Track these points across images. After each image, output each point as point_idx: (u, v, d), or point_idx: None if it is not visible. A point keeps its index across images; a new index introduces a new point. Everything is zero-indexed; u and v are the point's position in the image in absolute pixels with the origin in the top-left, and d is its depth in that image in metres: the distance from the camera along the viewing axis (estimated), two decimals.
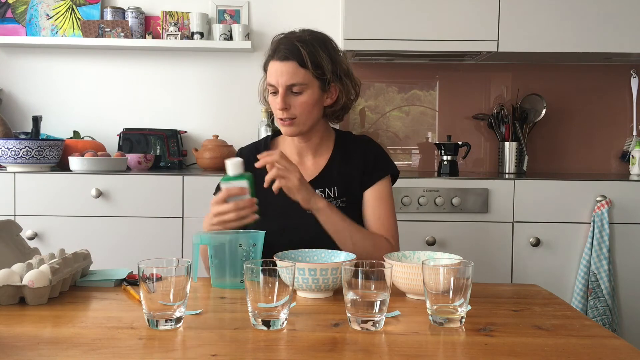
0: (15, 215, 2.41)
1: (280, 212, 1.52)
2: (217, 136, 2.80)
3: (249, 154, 1.62)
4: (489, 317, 1.08)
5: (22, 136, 2.81)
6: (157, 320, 0.99)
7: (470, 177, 2.54)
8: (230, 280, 1.30)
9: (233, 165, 1.37)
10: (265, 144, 1.66)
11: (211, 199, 1.40)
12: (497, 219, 2.43)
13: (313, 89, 1.50)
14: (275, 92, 1.51)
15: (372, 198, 1.59)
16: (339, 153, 1.62)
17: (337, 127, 1.67)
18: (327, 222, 1.44)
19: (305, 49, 1.47)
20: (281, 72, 1.48)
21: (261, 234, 1.34)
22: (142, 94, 3.02)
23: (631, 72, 2.96)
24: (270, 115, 2.78)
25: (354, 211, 1.57)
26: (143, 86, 3.01)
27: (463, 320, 1.03)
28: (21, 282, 1.13)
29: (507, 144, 2.85)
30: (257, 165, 1.37)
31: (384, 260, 1.17)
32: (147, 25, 2.98)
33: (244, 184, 1.36)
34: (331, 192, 1.57)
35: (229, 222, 1.36)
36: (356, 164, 1.60)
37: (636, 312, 2.42)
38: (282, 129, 1.55)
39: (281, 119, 1.51)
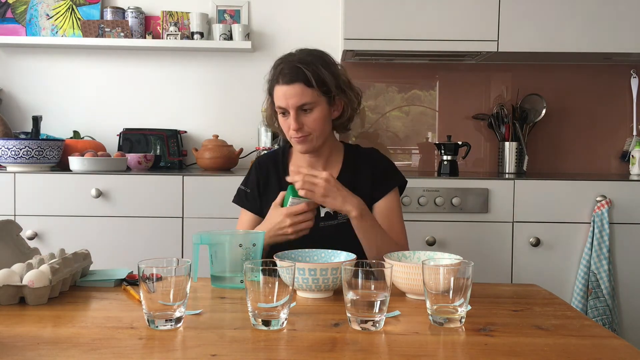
0: (15, 215, 2.41)
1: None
2: (217, 136, 2.80)
3: (267, 162, 1.72)
4: (489, 317, 1.08)
5: (22, 136, 2.81)
6: (157, 320, 0.99)
7: (470, 177, 2.54)
8: (230, 280, 1.30)
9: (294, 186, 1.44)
10: (283, 155, 1.72)
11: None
12: (497, 219, 2.43)
13: (321, 105, 1.57)
14: (284, 113, 1.57)
15: (383, 209, 1.64)
16: (349, 165, 1.67)
17: (344, 139, 1.70)
18: (359, 227, 1.49)
19: (308, 69, 1.54)
20: (290, 94, 1.54)
21: (261, 234, 1.34)
22: (142, 94, 3.02)
23: (631, 72, 2.96)
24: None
25: None
26: (143, 86, 3.01)
27: (463, 320, 1.03)
28: (21, 282, 1.13)
29: (507, 144, 2.85)
30: (288, 179, 1.46)
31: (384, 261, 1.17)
32: (147, 25, 2.98)
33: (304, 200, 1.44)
34: None
35: (302, 230, 1.46)
36: (365, 176, 1.64)
37: (636, 312, 2.42)
38: (298, 147, 1.61)
39: (296, 137, 1.57)
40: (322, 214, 1.60)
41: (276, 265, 1.04)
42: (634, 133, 2.94)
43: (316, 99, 1.55)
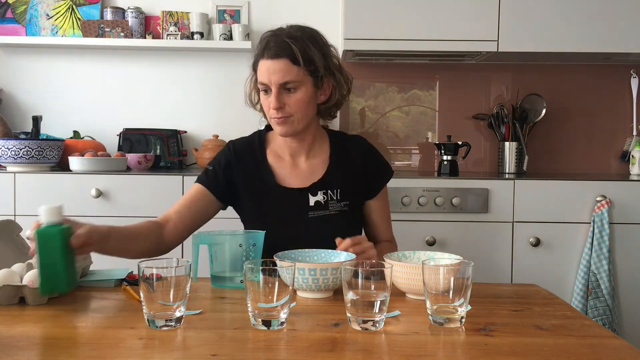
0: (15, 215, 2.41)
1: (280, 222, 1.53)
2: (217, 136, 2.80)
3: (242, 147, 1.60)
4: (489, 317, 1.08)
5: (22, 136, 2.81)
6: (157, 320, 0.99)
7: (470, 177, 2.54)
8: (230, 280, 1.30)
9: (49, 212, 1.10)
10: (259, 140, 1.61)
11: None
12: (497, 219, 2.43)
13: (307, 85, 1.46)
14: (266, 91, 1.47)
15: (378, 208, 1.63)
16: (337, 155, 1.59)
17: (337, 123, 1.68)
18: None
19: (296, 45, 1.43)
20: (273, 70, 1.43)
21: (261, 233, 1.34)
22: (142, 94, 3.02)
23: (631, 72, 2.96)
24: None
25: (354, 216, 1.59)
26: (143, 86, 3.01)
27: (463, 320, 1.03)
28: (21, 282, 1.13)
29: (507, 144, 2.85)
30: (339, 249, 1.30)
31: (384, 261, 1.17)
32: (147, 25, 2.98)
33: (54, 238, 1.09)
34: (334, 195, 1.55)
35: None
36: (356, 169, 1.59)
37: (636, 312, 2.42)
38: (277, 129, 1.50)
39: (276, 118, 1.47)
40: (312, 203, 1.53)
41: (276, 265, 1.04)
42: (634, 133, 2.94)
43: (301, 78, 1.44)
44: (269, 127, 1.64)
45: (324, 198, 1.53)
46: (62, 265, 1.08)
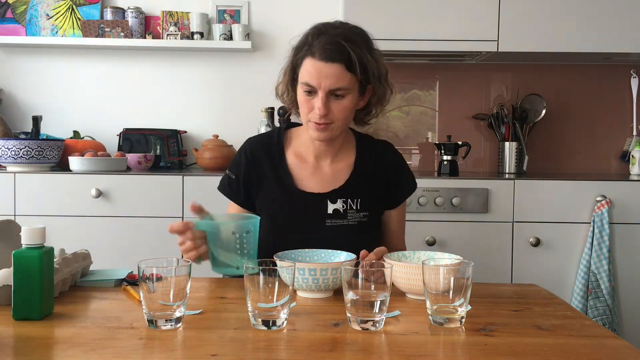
0: (15, 215, 2.41)
1: (296, 227, 1.47)
2: (217, 136, 2.80)
3: (258, 147, 1.53)
4: (489, 317, 1.08)
5: (22, 136, 2.81)
6: (157, 320, 0.99)
7: (470, 177, 2.54)
8: (225, 266, 1.27)
9: (30, 234, 1.06)
10: (278, 138, 1.53)
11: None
12: (497, 219, 2.43)
13: (353, 93, 1.39)
14: (311, 92, 1.38)
15: (396, 218, 1.58)
16: (363, 158, 1.52)
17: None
18: None
19: (354, 50, 1.34)
20: (325, 74, 1.34)
21: (256, 219, 1.27)
22: (142, 94, 3.02)
23: (631, 72, 2.96)
24: (270, 116, 2.79)
25: (374, 225, 1.52)
26: (143, 86, 3.01)
27: (463, 320, 1.03)
28: None
29: (507, 144, 2.85)
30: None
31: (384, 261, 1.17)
32: (147, 25, 2.98)
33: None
34: (354, 204, 1.48)
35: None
36: (381, 179, 1.52)
37: (636, 312, 2.42)
38: (315, 134, 1.41)
39: (317, 123, 1.39)
40: (330, 211, 1.46)
41: (276, 265, 1.04)
42: (634, 133, 2.94)
43: (352, 85, 1.36)
44: (289, 124, 1.58)
45: (343, 207, 1.46)
46: (37, 291, 1.03)
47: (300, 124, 1.53)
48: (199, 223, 1.29)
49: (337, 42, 1.34)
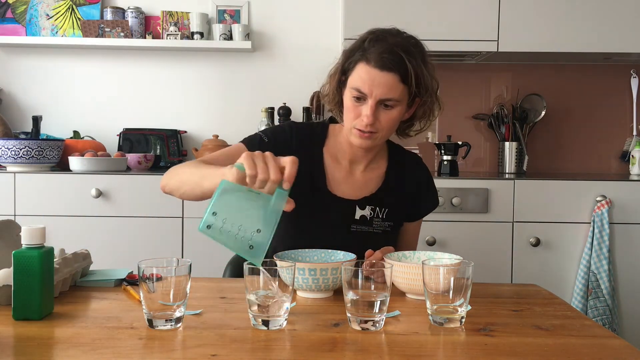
0: (15, 215, 2.41)
1: (320, 230, 1.43)
2: (217, 136, 2.80)
3: (304, 135, 1.46)
4: (489, 317, 1.08)
5: (22, 136, 2.81)
6: (157, 320, 0.99)
7: (470, 177, 2.54)
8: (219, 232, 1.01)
9: (30, 234, 1.06)
10: (322, 132, 1.49)
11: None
12: (497, 219, 2.43)
13: (402, 105, 1.36)
14: (360, 98, 1.35)
15: (413, 229, 1.58)
16: (393, 167, 1.51)
17: None
18: None
19: (411, 63, 1.31)
20: (378, 82, 1.31)
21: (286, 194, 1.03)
22: (142, 94, 3.02)
23: (631, 72, 2.96)
24: (270, 115, 2.78)
25: (395, 235, 1.53)
26: (143, 86, 3.02)
27: (463, 320, 1.03)
28: None
29: (507, 144, 2.85)
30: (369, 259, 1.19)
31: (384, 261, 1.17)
32: (147, 25, 2.98)
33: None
34: (380, 213, 1.47)
35: None
36: (409, 187, 1.52)
37: (636, 312, 2.42)
38: (357, 141, 1.38)
39: (361, 131, 1.36)
40: (357, 217, 1.45)
41: (276, 265, 1.04)
42: (634, 133, 2.94)
43: (403, 97, 1.34)
44: (332, 119, 1.54)
45: (370, 214, 1.45)
46: (37, 291, 1.03)
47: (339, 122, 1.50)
48: (228, 185, 1.03)
49: (395, 51, 1.31)
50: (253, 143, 1.42)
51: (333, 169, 1.47)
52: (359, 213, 1.45)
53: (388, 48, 1.31)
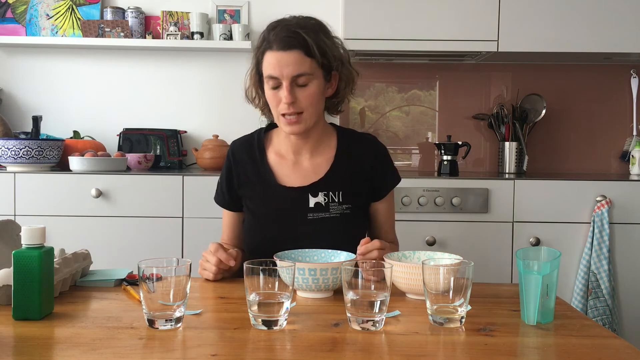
0: (15, 215, 2.41)
1: (280, 222, 1.50)
2: (217, 136, 2.80)
3: (241, 150, 1.56)
4: (489, 317, 1.08)
5: (22, 136, 2.81)
6: (157, 320, 0.99)
7: (470, 177, 2.54)
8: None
9: (30, 234, 1.06)
10: (258, 139, 1.57)
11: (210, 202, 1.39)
12: (497, 219, 2.43)
13: (318, 79, 1.41)
14: (276, 87, 1.41)
15: (384, 210, 1.58)
16: (344, 151, 1.53)
17: (337, 122, 1.66)
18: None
19: (309, 35, 1.38)
20: (286, 62, 1.36)
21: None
22: (142, 94, 3.02)
23: (631, 72, 2.96)
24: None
25: (357, 217, 1.53)
26: (143, 86, 3.01)
27: (463, 320, 1.03)
28: None
29: (507, 144, 2.85)
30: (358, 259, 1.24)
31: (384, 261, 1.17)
32: (147, 25, 2.98)
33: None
34: (335, 197, 1.49)
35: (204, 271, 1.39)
36: (364, 167, 1.53)
37: (636, 312, 2.42)
38: (287, 128, 1.44)
39: (286, 115, 1.41)
40: (312, 205, 1.48)
41: (276, 265, 1.04)
42: (634, 133, 2.94)
43: (314, 71, 1.39)
44: (270, 126, 1.60)
45: (324, 200, 1.48)
46: (37, 291, 1.03)
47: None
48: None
49: (291, 30, 1.39)
50: (222, 199, 1.59)
51: (280, 165, 1.53)
52: (313, 201, 1.48)
53: (285, 29, 1.40)
